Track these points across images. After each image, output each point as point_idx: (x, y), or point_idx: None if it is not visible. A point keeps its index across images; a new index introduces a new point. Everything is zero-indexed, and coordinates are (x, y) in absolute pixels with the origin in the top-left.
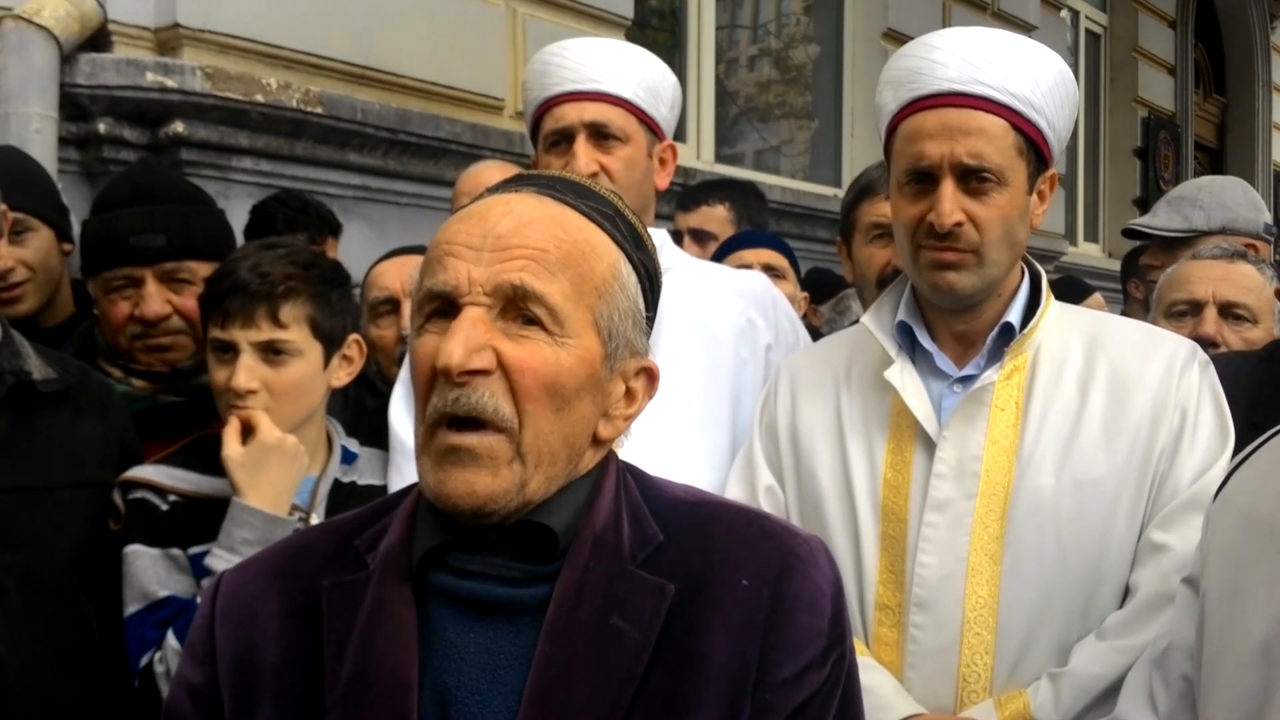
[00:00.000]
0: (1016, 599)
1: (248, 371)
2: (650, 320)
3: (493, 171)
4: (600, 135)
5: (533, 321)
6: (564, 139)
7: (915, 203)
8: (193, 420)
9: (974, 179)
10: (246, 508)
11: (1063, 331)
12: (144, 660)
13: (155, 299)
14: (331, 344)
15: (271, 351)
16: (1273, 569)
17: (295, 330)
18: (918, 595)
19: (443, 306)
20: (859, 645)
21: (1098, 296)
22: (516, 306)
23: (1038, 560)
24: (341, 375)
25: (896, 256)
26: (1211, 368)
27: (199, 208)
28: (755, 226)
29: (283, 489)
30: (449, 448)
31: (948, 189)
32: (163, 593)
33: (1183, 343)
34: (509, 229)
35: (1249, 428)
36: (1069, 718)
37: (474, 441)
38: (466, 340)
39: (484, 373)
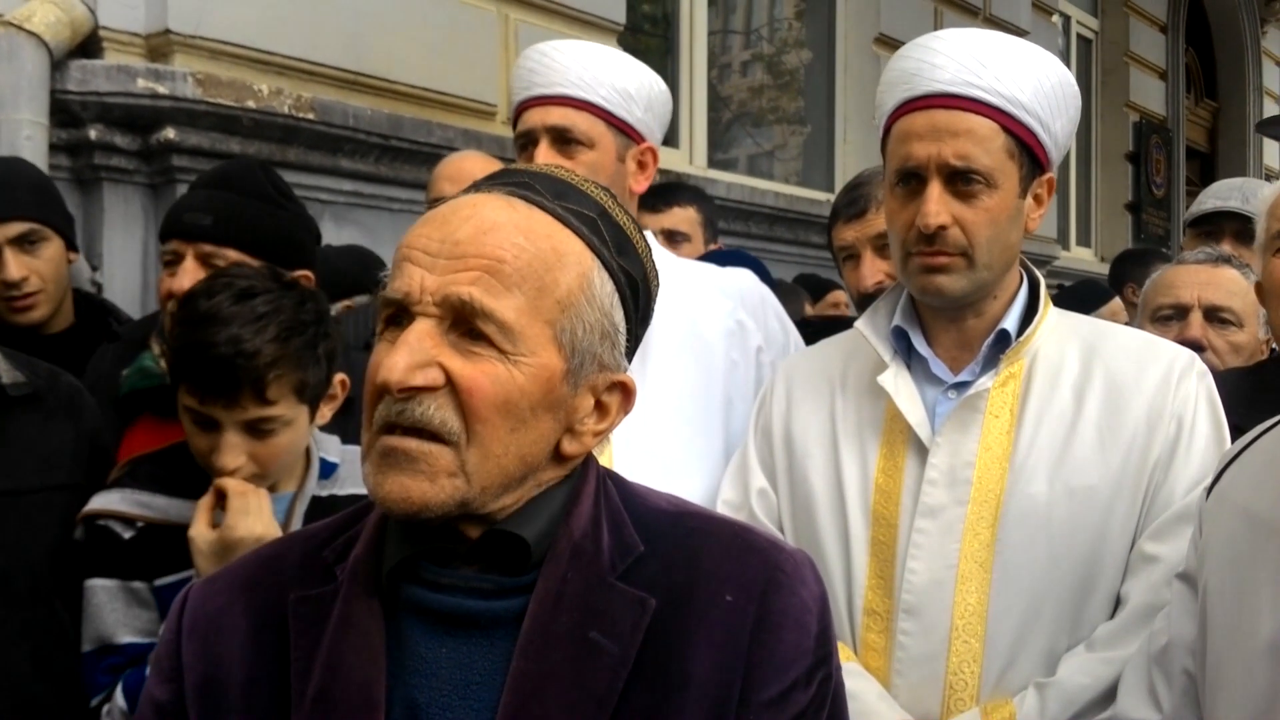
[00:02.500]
0: (1006, 607)
1: (233, 450)
2: (644, 326)
3: (472, 161)
4: (563, 140)
5: (482, 337)
6: (530, 143)
7: (905, 205)
8: None
9: (961, 181)
10: None
11: (1060, 338)
12: (94, 701)
13: (188, 274)
14: (318, 397)
15: (258, 427)
16: (1276, 568)
17: (283, 404)
18: (906, 601)
19: (396, 314)
20: (846, 651)
21: (1117, 301)
22: (465, 321)
23: (1028, 568)
24: (325, 413)
25: (863, 279)
26: (1209, 377)
27: (262, 204)
28: (714, 229)
29: None
30: (388, 449)
31: (934, 190)
32: (119, 639)
33: (1181, 352)
34: (467, 235)
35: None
36: None
37: (412, 445)
38: (410, 355)
39: (429, 389)
